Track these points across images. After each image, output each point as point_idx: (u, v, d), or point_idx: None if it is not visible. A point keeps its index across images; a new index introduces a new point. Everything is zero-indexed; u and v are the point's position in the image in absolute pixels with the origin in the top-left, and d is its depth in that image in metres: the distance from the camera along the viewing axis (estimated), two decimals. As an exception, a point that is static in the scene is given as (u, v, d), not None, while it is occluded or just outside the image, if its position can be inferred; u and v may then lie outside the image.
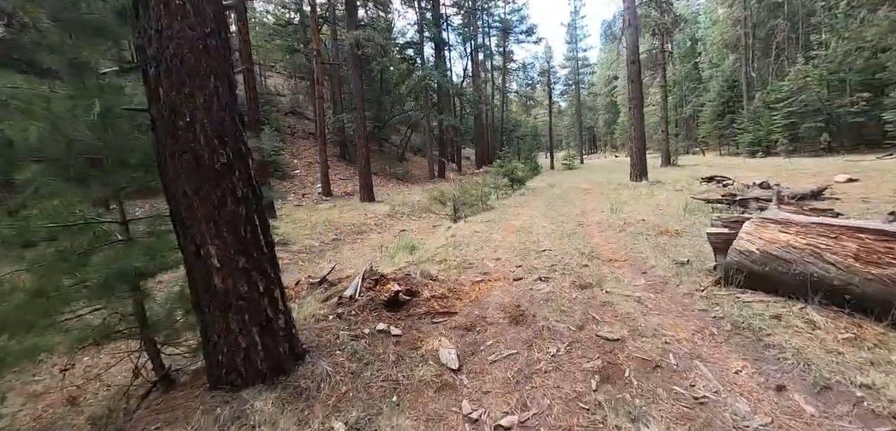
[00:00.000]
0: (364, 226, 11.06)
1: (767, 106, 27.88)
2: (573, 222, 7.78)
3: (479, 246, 6.27)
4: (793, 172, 13.85)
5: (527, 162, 25.17)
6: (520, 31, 40.68)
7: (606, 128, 67.49)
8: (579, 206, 9.97)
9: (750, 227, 3.51)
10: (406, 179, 25.11)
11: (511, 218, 8.83)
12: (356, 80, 15.02)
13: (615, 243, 5.94)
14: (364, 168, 14.65)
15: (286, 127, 26.08)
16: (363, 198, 14.61)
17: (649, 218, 7.41)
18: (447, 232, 7.92)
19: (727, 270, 3.55)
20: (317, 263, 8.09)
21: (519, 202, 11.68)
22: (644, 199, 10.16)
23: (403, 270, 4.69)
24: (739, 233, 3.54)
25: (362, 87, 15.63)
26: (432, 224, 11.09)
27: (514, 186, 15.04)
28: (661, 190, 11.73)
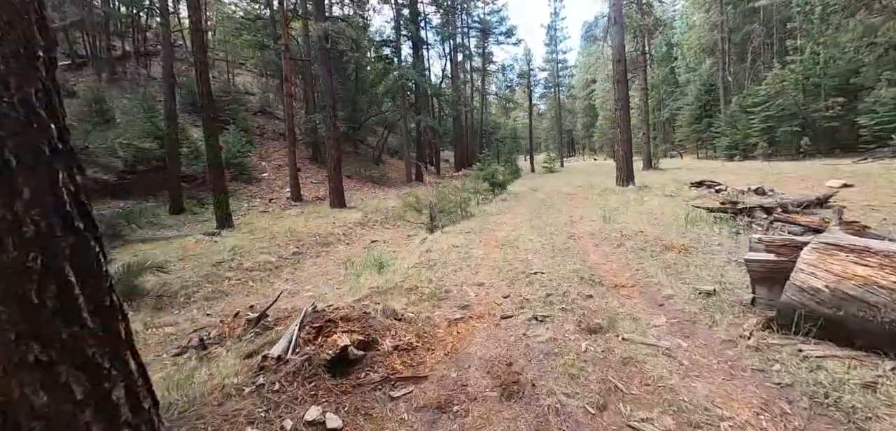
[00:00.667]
0: (331, 237, 9.97)
1: (744, 110, 28.06)
2: (563, 233, 6.92)
3: (457, 265, 5.31)
4: (779, 177, 13.48)
5: (507, 165, 24.47)
6: (499, 32, 40.11)
7: (585, 131, 67.89)
8: (567, 214, 9.16)
9: (812, 256, 2.66)
10: (382, 183, 24.01)
11: (494, 228, 7.92)
12: (325, 77, 13.89)
13: (616, 261, 5.09)
14: (334, 171, 13.53)
15: (255, 127, 24.58)
16: (333, 203, 13.49)
17: (648, 229, 6.62)
18: (422, 246, 6.95)
19: (784, 312, 2.70)
20: (270, 284, 6.98)
21: (501, 208, 10.82)
22: (635, 206, 9.45)
23: (361, 305, 3.69)
24: (798, 264, 2.69)
25: (333, 84, 14.52)
26: (407, 234, 10.10)
27: (495, 191, 14.20)
28: (650, 195, 11.08)
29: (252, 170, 19.36)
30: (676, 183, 13.56)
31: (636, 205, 9.54)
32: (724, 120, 30.02)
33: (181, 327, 5.14)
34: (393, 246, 8.91)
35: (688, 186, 12.19)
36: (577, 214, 9.10)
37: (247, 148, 19.36)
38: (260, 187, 18.56)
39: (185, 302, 5.94)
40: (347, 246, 9.57)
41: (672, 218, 7.46)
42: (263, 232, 10.06)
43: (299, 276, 7.29)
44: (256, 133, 24.13)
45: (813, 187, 10.72)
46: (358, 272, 6.75)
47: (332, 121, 13.62)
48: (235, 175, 18.00)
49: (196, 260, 7.57)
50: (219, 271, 7.03)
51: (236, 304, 5.88)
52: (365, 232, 10.75)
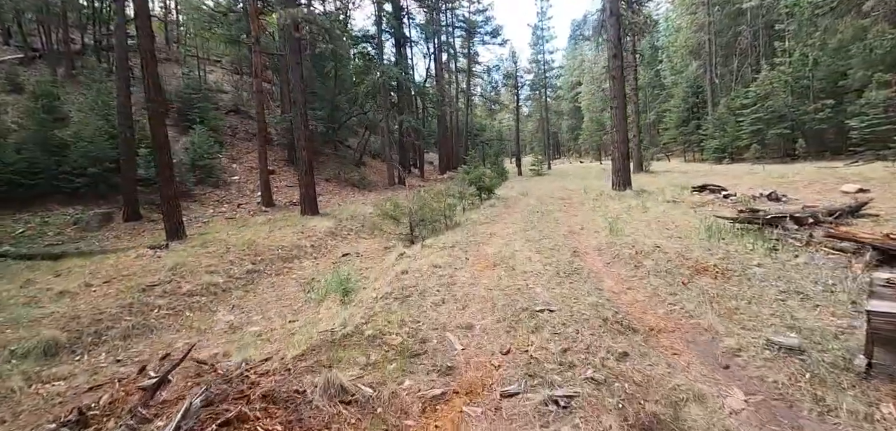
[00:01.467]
0: (297, 250, 8.70)
1: (732, 112, 27.71)
2: (565, 249, 5.85)
3: (438, 295, 4.17)
4: (781, 181, 12.72)
5: (494, 167, 23.44)
6: (485, 32, 39.17)
7: (570, 133, 67.59)
8: (565, 223, 8.12)
9: None
10: (363, 186, 22.72)
11: (483, 242, 6.81)
12: (295, 70, 12.60)
13: (641, 290, 4.03)
14: (306, 175, 12.25)
15: (227, 127, 23.05)
16: (305, 210, 12.21)
17: (665, 244, 5.60)
18: (397, 265, 5.78)
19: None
20: (211, 313, 5.72)
21: (490, 216, 9.72)
22: (639, 214, 8.46)
23: (301, 368, 2.51)
24: None
25: (304, 80, 13.23)
26: (384, 245, 8.91)
27: (483, 196, 13.11)
28: (651, 201, 10.14)
29: (220, 172, 17.90)
30: (674, 186, 12.70)
31: (639, 213, 8.56)
32: (712, 122, 29.64)
33: (76, 383, 3.88)
34: (366, 262, 7.72)
35: (689, 190, 11.31)
36: (576, 223, 8.06)
37: (215, 149, 17.88)
38: (229, 191, 17.13)
39: (93, 344, 4.64)
40: (315, 260, 8.32)
41: (688, 230, 6.47)
42: (219, 244, 8.73)
43: (249, 303, 6.04)
44: (228, 133, 22.61)
45: (824, 192, 9.94)
46: (320, 296, 5.56)
47: (303, 120, 12.34)
48: (202, 178, 16.56)
49: (125, 281, 6.25)
50: (148, 298, 5.73)
51: (159, 346, 4.62)
52: (337, 243, 9.51)
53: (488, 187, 13.16)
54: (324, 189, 20.61)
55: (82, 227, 11.42)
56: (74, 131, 13.39)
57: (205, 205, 15.46)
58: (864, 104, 20.07)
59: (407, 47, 30.89)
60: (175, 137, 18.68)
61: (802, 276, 3.99)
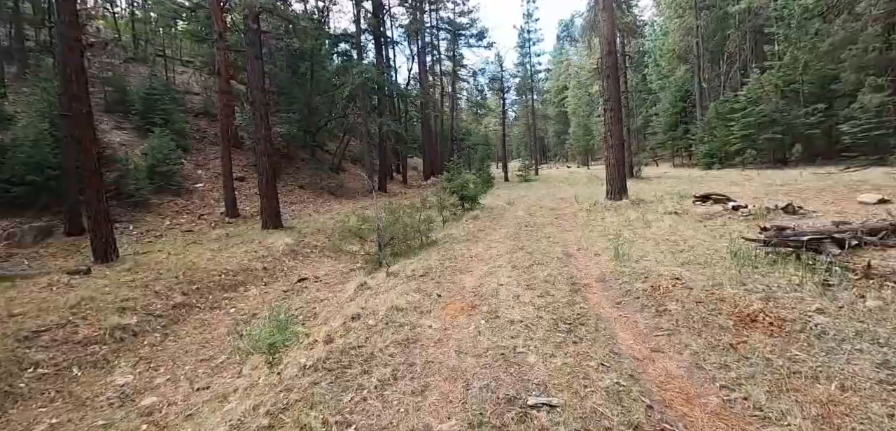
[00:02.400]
0: (245, 275, 7.38)
1: (722, 117, 27.16)
2: (562, 280, 4.67)
3: (390, 366, 2.93)
4: (786, 189, 11.86)
5: (479, 173, 22.32)
6: (470, 34, 38.23)
7: (557, 138, 67.09)
8: (558, 240, 6.96)
9: None
10: (340, 194, 21.39)
11: (461, 268, 5.60)
12: (253, 67, 11.25)
13: (673, 357, 2.87)
14: (267, 184, 10.91)
15: (194, 130, 21.44)
16: (266, 223, 10.87)
17: (685, 274, 4.47)
18: (349, 306, 4.53)
19: None
20: (108, 372, 4.39)
21: (472, 232, 8.53)
22: (641, 229, 7.37)
23: None
24: None
25: (263, 76, 11.88)
26: (350, 267, 7.65)
27: (466, 206, 11.94)
28: (652, 213, 9.08)
29: (183, 179, 16.37)
30: (672, 195, 11.72)
31: (642, 228, 7.47)
32: (701, 127, 29.07)
33: None
34: (323, 291, 6.45)
35: (691, 200, 10.32)
36: (571, 241, 6.92)
37: (176, 154, 16.34)
38: (191, 200, 15.61)
39: None
40: (264, 288, 7.02)
41: (707, 253, 5.37)
42: (152, 268, 7.34)
43: (162, 354, 4.72)
44: (195, 137, 21.02)
45: (839, 203, 9.02)
46: (249, 348, 4.28)
47: (263, 122, 11.02)
48: (161, 186, 15.03)
49: (10, 324, 4.87)
50: (27, 349, 4.38)
51: None
52: (296, 264, 8.21)
53: (472, 196, 12.00)
54: (297, 197, 19.22)
55: (15, 243, 9.91)
56: (15, 136, 11.81)
57: (162, 216, 13.97)
58: (858, 108, 19.54)
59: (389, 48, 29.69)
60: (134, 141, 17.13)
61: (892, 333, 2.89)
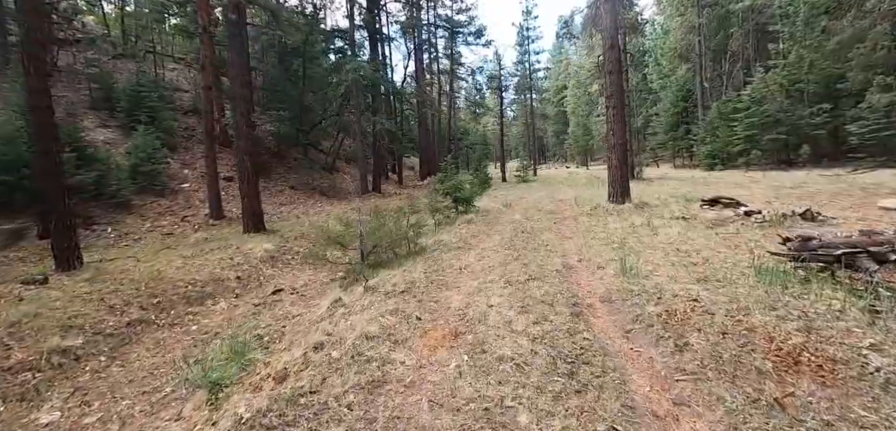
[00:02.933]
0: (215, 285, 6.75)
1: (724, 117, 26.59)
2: (561, 300, 4.05)
3: (346, 423, 2.33)
4: (798, 192, 11.26)
5: (476, 173, 21.71)
6: (468, 32, 37.59)
7: (556, 138, 66.50)
8: (557, 249, 6.34)
9: None
10: (333, 194, 20.77)
11: (448, 282, 4.99)
12: (234, 59, 10.60)
13: (703, 414, 2.26)
14: (248, 185, 10.28)
15: (183, 129, 20.77)
16: (247, 227, 10.24)
17: (704, 294, 3.85)
18: (316, 331, 3.90)
19: None
20: (37, 405, 3.76)
21: (464, 238, 7.91)
22: (648, 237, 6.76)
23: None
24: None
25: (247, 69, 11.21)
26: (330, 277, 7.03)
27: (460, 208, 11.32)
28: (658, 218, 8.47)
29: (168, 179, 15.74)
30: (678, 198, 11.13)
31: (649, 235, 6.85)
32: (703, 127, 28.50)
33: None
34: (297, 306, 5.83)
35: (698, 204, 9.72)
36: (571, 250, 6.30)
37: (161, 153, 15.69)
38: (175, 201, 14.97)
39: None
40: (235, 301, 6.39)
41: (725, 267, 4.76)
42: (116, 277, 6.72)
43: (101, 385, 4.09)
44: (183, 136, 20.36)
45: (859, 208, 8.43)
46: (197, 380, 3.66)
47: (244, 119, 10.38)
48: (144, 186, 14.39)
49: (-71, 347, 4.24)
50: (-61, 379, 3.76)
51: None
52: (274, 273, 7.59)
53: (466, 199, 11.37)
54: (287, 198, 18.61)
55: None
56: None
57: (144, 217, 13.34)
58: (866, 108, 18.99)
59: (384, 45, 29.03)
60: (119, 140, 16.50)
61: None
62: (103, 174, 12.56)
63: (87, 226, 11.83)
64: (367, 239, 6.50)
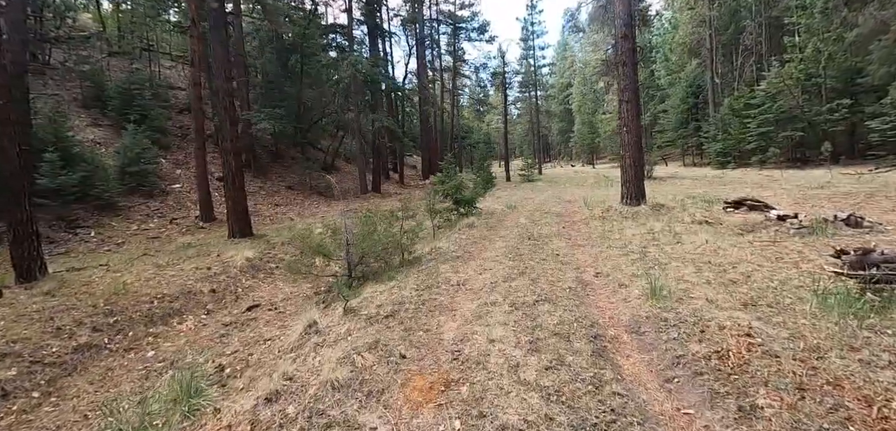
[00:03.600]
0: (185, 299, 6.04)
1: (736, 113, 25.63)
2: (579, 331, 3.29)
3: None
4: (828, 194, 10.41)
5: (479, 172, 20.92)
6: (471, 28, 36.80)
7: (561, 136, 65.49)
8: (570, 261, 5.57)
9: None
10: (331, 194, 20.07)
11: (442, 306, 4.23)
12: (217, 51, 9.85)
13: None
14: (232, 186, 9.56)
15: (177, 127, 20.16)
16: (233, 231, 9.54)
17: (760, 329, 3.08)
18: (276, 373, 3.15)
19: None
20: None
21: (465, 245, 7.15)
22: (671, 246, 5.96)
23: None
24: None
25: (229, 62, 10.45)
26: (315, 289, 6.31)
27: (461, 210, 10.58)
28: (677, 222, 7.68)
29: (158, 180, 15.15)
30: (695, 199, 10.32)
31: (673, 244, 6.06)
32: (714, 124, 27.53)
33: None
34: (273, 326, 5.10)
35: (721, 206, 8.91)
36: (587, 263, 5.53)
37: (151, 152, 15.08)
38: (165, 202, 14.34)
39: None
40: (205, 318, 5.67)
41: (772, 286, 3.98)
42: (77, 291, 6.02)
43: (16, 429, 3.40)
44: (177, 135, 19.75)
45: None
46: None
47: (227, 114, 9.66)
48: (134, 187, 13.80)
49: None
50: None
51: None
52: (253, 284, 6.87)
53: (468, 200, 10.62)
54: (283, 198, 17.94)
55: None
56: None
57: (130, 220, 12.72)
58: (888, 104, 18.02)
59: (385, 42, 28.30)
60: (110, 139, 15.92)
61: None
62: (89, 175, 11.96)
63: (69, 230, 11.22)
64: (353, 249, 5.76)
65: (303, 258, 5.58)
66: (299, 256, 5.73)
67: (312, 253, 5.59)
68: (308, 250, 5.56)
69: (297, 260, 5.69)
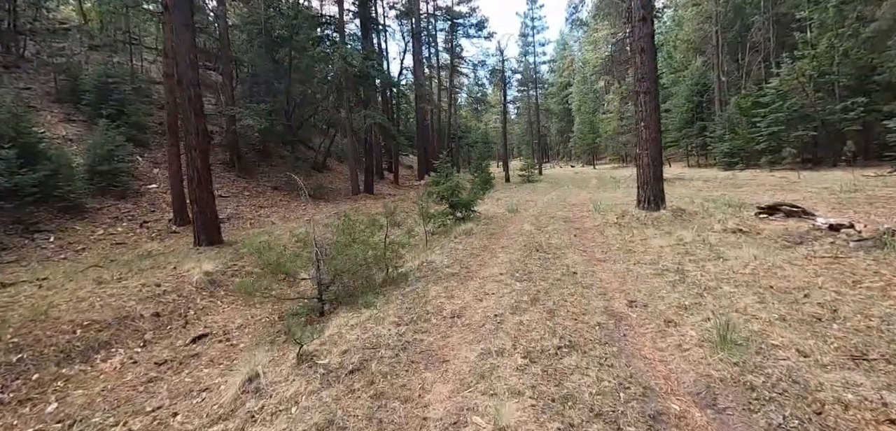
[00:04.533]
0: (120, 326, 4.92)
1: (744, 112, 24.65)
2: (633, 411, 2.23)
3: None
4: (867, 196, 9.38)
5: (477, 173, 19.84)
6: (469, 24, 35.71)
7: (560, 136, 64.53)
8: (593, 284, 4.49)
9: None
10: (320, 195, 18.96)
11: (431, 351, 3.15)
12: (181, 35, 8.67)
13: None
14: (199, 188, 8.42)
15: (158, 124, 18.93)
16: (198, 238, 8.40)
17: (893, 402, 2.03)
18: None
19: None
20: None
21: (461, 258, 6.06)
22: (714, 264, 4.89)
23: None
24: None
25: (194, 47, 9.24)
26: (278, 313, 5.20)
27: (458, 214, 9.50)
28: (708, 231, 6.61)
29: (132, 179, 14.01)
30: (716, 203, 9.27)
31: (714, 262, 4.98)
32: (721, 124, 26.54)
33: None
34: (216, 367, 4.00)
35: (752, 211, 7.85)
36: (612, 284, 4.44)
37: (125, 150, 13.94)
38: (138, 204, 13.20)
39: None
40: (140, 351, 4.55)
41: (874, 326, 2.93)
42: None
43: None
44: (157, 132, 18.53)
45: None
46: None
47: (191, 107, 8.53)
48: (105, 187, 12.66)
49: None
50: None
51: None
52: (208, 305, 5.76)
53: (465, 203, 9.54)
54: (267, 200, 16.78)
55: None
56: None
57: (97, 223, 11.59)
58: (913, 101, 17.06)
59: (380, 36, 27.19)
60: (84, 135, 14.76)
61: None
62: (52, 174, 10.83)
63: (26, 235, 10.08)
64: (325, 266, 4.66)
65: (262, 277, 4.48)
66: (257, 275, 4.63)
67: (271, 272, 4.50)
68: (268, 268, 4.47)
69: (253, 279, 4.59)
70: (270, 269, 4.49)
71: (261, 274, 4.48)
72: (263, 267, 4.44)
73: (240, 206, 15.39)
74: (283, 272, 4.61)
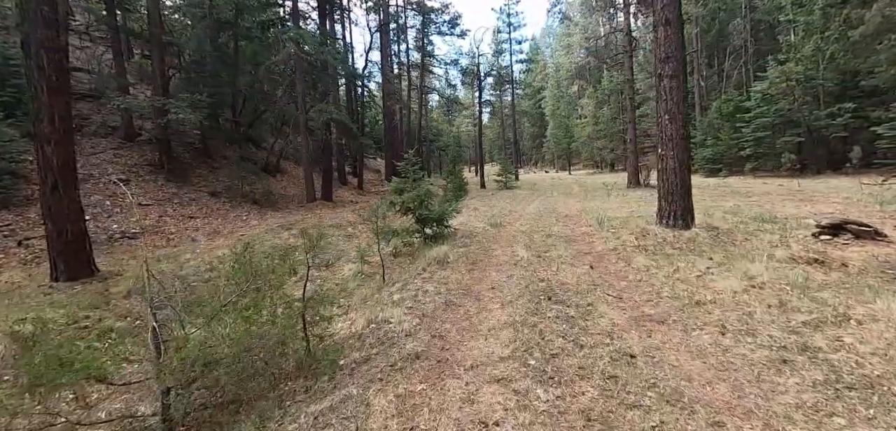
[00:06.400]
0: None
1: (727, 117, 23.82)
2: None
3: None
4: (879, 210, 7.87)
5: (450, 178, 17.72)
6: (442, 20, 33.70)
7: (532, 141, 63.56)
8: (680, 391, 2.46)
9: None
10: (269, 203, 16.31)
11: None
12: (33, 12, 6.05)
13: None
14: (54, 196, 5.87)
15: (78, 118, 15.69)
16: (55, 270, 5.79)
17: None
18: None
19: None
20: None
21: (429, 311, 3.90)
22: (840, 328, 2.98)
23: None
24: None
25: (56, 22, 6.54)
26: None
27: (427, 229, 7.35)
28: (778, 265, 4.76)
29: (19, 183, 11.13)
30: (746, 218, 7.55)
31: (843, 326, 3.06)
32: (702, 129, 25.67)
33: None
34: None
35: (806, 231, 6.12)
36: (718, 394, 2.41)
37: (14, 146, 11.08)
38: (25, 215, 10.32)
39: None
40: None
41: None
42: None
43: None
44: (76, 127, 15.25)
45: None
46: None
47: (45, 75, 5.99)
48: (-12, 195, 9.66)
49: None
50: None
51: None
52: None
53: (437, 217, 7.39)
54: (200, 208, 13.94)
55: None
56: None
57: (-43, 241, 8.67)
58: (898, 108, 16.26)
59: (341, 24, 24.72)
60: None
61: None
62: None
63: None
64: (175, 358, 2.39)
65: (21, 391, 2.16)
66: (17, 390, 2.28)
67: (50, 375, 2.19)
68: (41, 366, 2.16)
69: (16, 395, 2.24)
70: (51, 367, 2.18)
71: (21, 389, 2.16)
72: (29, 367, 2.13)
73: (163, 217, 12.57)
74: (93, 376, 2.30)
